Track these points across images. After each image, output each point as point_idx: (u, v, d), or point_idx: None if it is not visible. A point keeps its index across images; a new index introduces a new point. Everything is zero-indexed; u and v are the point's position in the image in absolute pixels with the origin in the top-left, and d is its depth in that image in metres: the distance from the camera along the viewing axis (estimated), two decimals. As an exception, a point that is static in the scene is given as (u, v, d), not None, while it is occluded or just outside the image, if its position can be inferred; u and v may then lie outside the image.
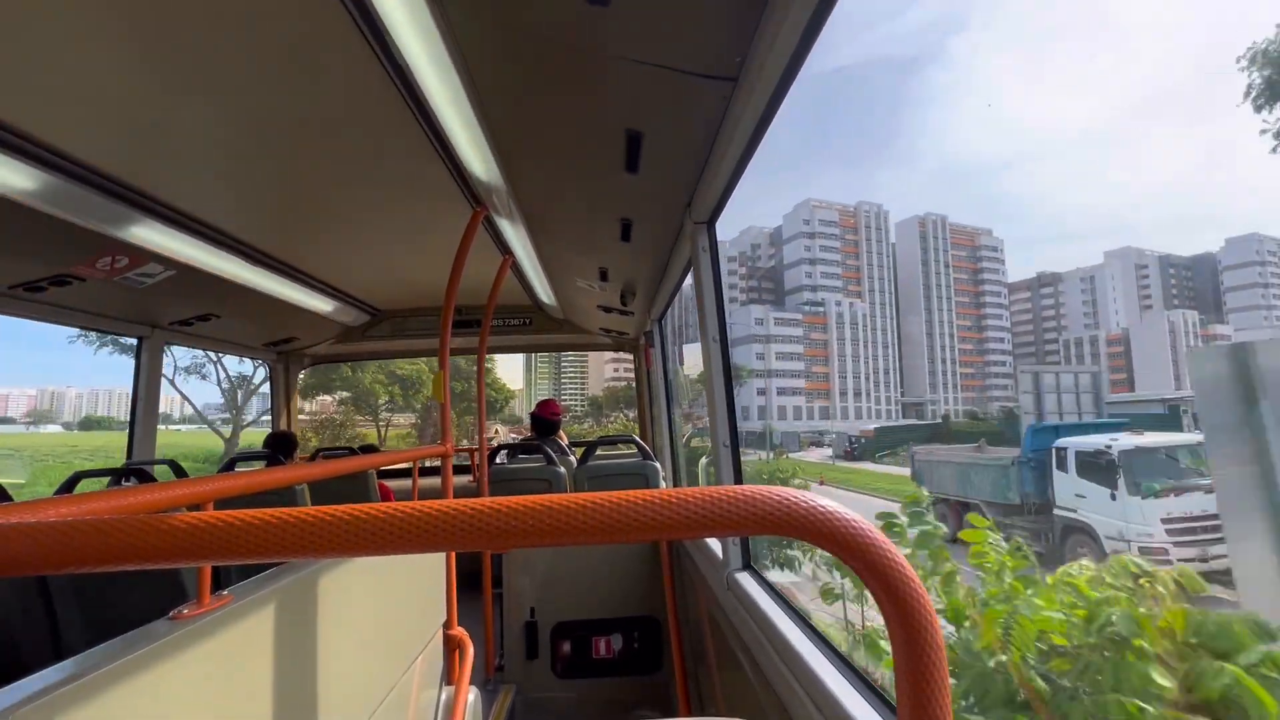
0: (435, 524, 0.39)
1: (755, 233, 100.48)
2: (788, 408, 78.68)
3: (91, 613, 1.46)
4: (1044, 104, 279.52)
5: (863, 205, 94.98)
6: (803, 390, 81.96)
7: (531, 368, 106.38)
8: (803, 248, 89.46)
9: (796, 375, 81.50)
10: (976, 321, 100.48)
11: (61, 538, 0.39)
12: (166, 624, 0.79)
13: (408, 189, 2.03)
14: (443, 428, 2.33)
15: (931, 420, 58.71)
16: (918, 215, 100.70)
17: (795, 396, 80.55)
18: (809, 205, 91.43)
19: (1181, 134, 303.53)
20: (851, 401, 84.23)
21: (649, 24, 1.07)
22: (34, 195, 1.60)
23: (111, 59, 1.24)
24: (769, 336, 79.66)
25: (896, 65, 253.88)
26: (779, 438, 51.79)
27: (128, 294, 2.42)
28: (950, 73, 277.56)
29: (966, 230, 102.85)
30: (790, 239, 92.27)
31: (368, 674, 1.32)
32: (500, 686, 2.71)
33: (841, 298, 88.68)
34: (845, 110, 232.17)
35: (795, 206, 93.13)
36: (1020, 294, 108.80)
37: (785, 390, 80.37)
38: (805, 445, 51.91)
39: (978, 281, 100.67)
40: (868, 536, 0.37)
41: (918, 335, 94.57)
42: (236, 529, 0.40)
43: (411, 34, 1.16)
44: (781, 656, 1.28)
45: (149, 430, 2.96)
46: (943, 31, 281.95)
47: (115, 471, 2.40)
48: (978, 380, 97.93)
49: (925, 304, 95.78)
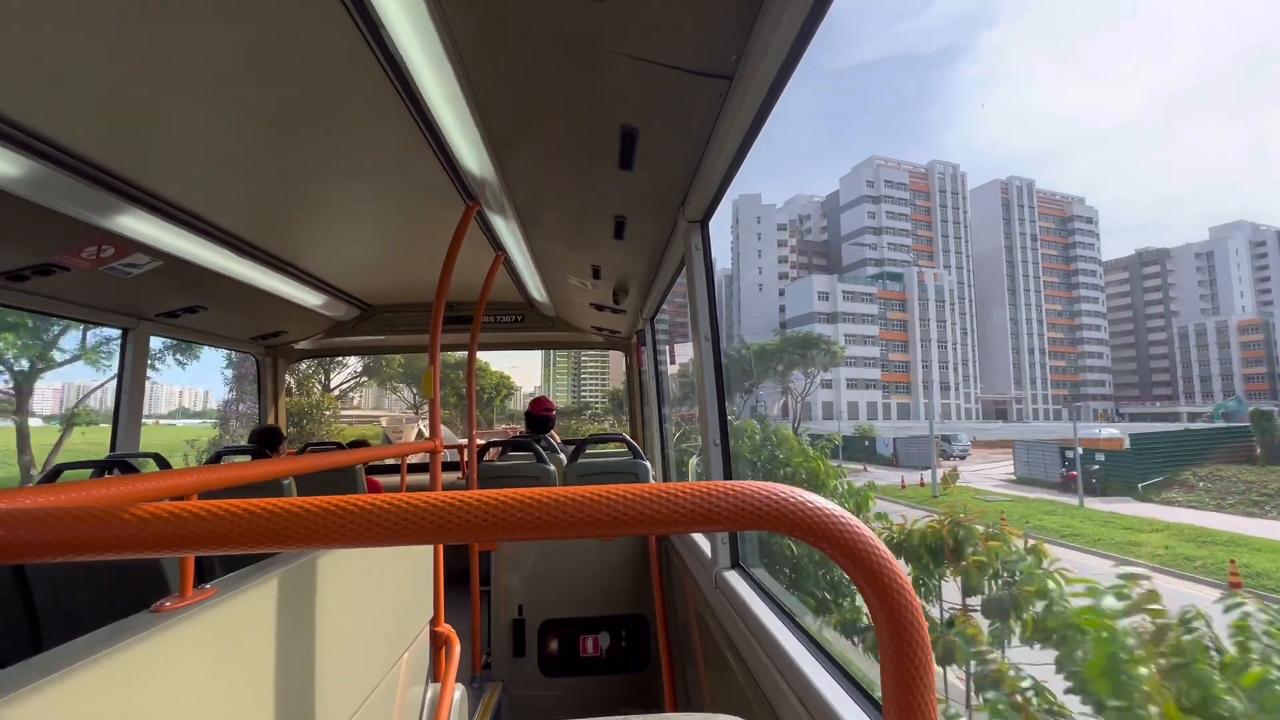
0: (422, 516, 0.39)
1: (804, 202, 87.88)
2: (860, 404, 63.83)
3: (71, 605, 1.46)
4: (1075, 97, 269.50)
5: (935, 165, 79.46)
6: (878, 383, 66.20)
7: (550, 364, 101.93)
8: (865, 214, 74.89)
9: (870, 364, 65.49)
10: (1068, 306, 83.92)
11: (41, 526, 0.39)
12: (148, 616, 0.78)
13: (399, 183, 2.00)
14: (432, 424, 2.33)
15: (1232, 425, 31.15)
16: (999, 180, 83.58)
17: (869, 390, 65.14)
18: (873, 164, 76.31)
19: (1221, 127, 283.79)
20: (937, 398, 68.28)
21: (645, 20, 1.07)
22: (18, 183, 1.59)
23: (102, 47, 1.22)
24: (835, 315, 64.89)
25: (922, 60, 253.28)
26: (884, 445, 37.82)
27: (113, 284, 2.40)
28: (978, 66, 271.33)
29: (1056, 198, 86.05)
30: (849, 205, 77.67)
31: (353, 670, 1.31)
32: (487, 684, 2.72)
33: (923, 267, 73.43)
34: (871, 105, 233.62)
35: (854, 168, 78.68)
36: (1117, 274, 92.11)
37: (857, 383, 65.18)
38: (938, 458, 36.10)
39: (1069, 259, 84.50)
40: (855, 532, 0.37)
41: (999, 321, 79.14)
42: (219, 519, 0.39)
43: (405, 25, 1.15)
44: (769, 654, 1.29)
45: (133, 422, 2.94)
46: (971, 26, 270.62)
47: (99, 464, 2.41)
48: (1070, 374, 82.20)
49: (1009, 284, 79.94)
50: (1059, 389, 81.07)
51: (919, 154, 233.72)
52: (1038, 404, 77.72)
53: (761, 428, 7.79)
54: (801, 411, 55.35)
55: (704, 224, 1.86)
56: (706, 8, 1.01)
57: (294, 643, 1.07)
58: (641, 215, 2.08)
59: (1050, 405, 78.47)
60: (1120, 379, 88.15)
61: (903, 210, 76.57)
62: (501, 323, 4.00)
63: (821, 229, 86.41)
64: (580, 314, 3.81)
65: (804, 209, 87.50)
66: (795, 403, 54.45)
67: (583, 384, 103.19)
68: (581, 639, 2.82)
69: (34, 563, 0.42)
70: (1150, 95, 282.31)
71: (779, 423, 49.72)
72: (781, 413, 56.18)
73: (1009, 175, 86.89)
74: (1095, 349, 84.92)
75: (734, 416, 55.21)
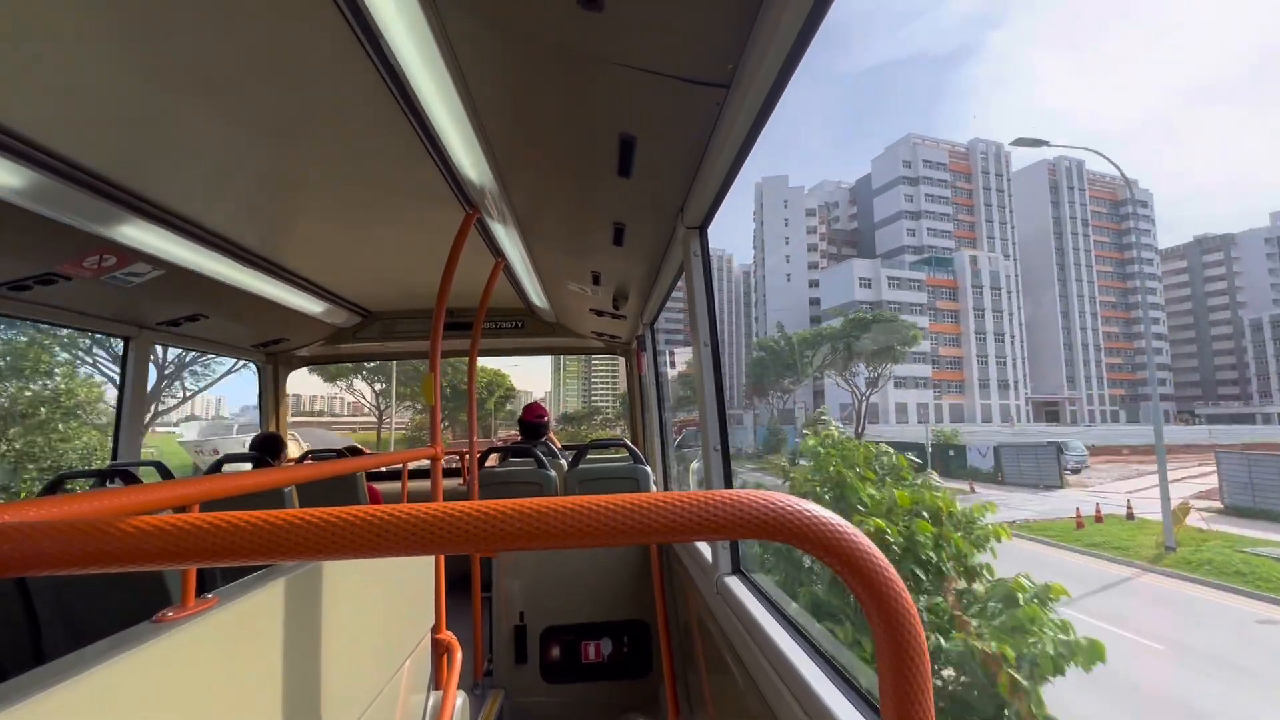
0: (424, 527, 0.39)
1: (830, 188, 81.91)
2: (909, 406, 56.61)
3: (73, 616, 1.47)
4: (1086, 98, 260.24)
5: (977, 144, 71.59)
6: (929, 381, 58.69)
7: (560, 368, 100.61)
8: (902, 197, 67.57)
9: (919, 359, 57.55)
10: (1122, 297, 76.07)
11: (44, 539, 0.39)
12: (150, 627, 0.79)
13: (400, 191, 2.01)
14: (432, 430, 2.33)
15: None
16: (1046, 160, 75.17)
17: (919, 390, 57.71)
18: (909, 142, 68.86)
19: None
20: (996, 397, 60.35)
21: (643, 29, 1.08)
22: (21, 194, 1.60)
23: (104, 58, 1.23)
24: (880, 305, 57.57)
25: (934, 60, 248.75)
26: (978, 456, 29.36)
27: (115, 294, 2.41)
28: (987, 66, 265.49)
29: (1106, 181, 77.54)
30: (883, 189, 70.16)
31: (355, 678, 1.32)
32: (488, 691, 2.72)
33: (974, 252, 65.54)
34: (883, 105, 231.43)
35: (888, 147, 70.94)
36: (1173, 263, 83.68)
37: (905, 381, 57.12)
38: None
39: (1122, 246, 76.51)
40: (851, 540, 0.38)
41: (1049, 313, 70.87)
42: (222, 531, 0.39)
43: (405, 35, 1.16)
44: (769, 660, 1.30)
45: (135, 431, 2.94)
46: (981, 26, 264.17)
47: (100, 473, 2.43)
48: (1127, 373, 74.09)
49: (1059, 273, 72.08)
50: (1114, 388, 73.53)
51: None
52: (1094, 405, 70.32)
53: (817, 438, 5.64)
54: (865, 414, 46.91)
55: (702, 230, 1.86)
56: (703, 17, 1.02)
57: (295, 651, 1.07)
58: (640, 222, 2.07)
59: (1107, 406, 71.30)
60: (1180, 377, 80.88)
61: (943, 193, 69.50)
62: (502, 329, 4.01)
63: (850, 216, 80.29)
64: (580, 319, 3.81)
65: (831, 195, 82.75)
66: (858, 402, 46.13)
67: (593, 388, 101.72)
68: (583, 645, 2.81)
69: (38, 576, 0.44)
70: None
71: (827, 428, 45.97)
72: (842, 420, 49.34)
73: (1056, 155, 77.23)
74: (1154, 344, 72.35)
75: (757, 425, 51.40)
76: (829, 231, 77.82)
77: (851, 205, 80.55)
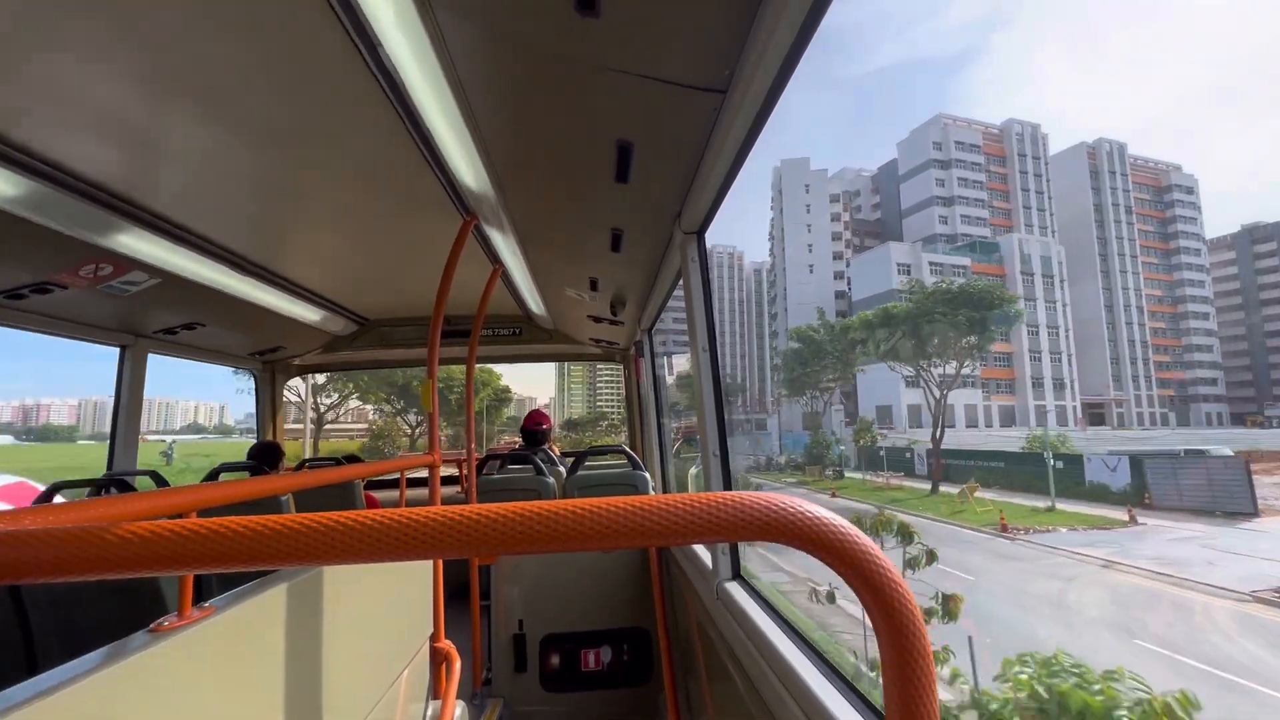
0: (423, 531, 0.39)
1: (851, 176, 76.32)
2: (956, 406, 49.70)
3: (68, 626, 1.46)
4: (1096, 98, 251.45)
5: (1012, 125, 64.54)
6: (977, 380, 51.05)
7: (564, 373, 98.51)
8: (933, 182, 61.15)
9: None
10: (1169, 290, 68.97)
11: (41, 546, 0.39)
12: (146, 636, 0.78)
13: (397, 198, 2.01)
14: (430, 438, 2.32)
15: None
16: (1085, 143, 68.45)
17: (966, 390, 50.52)
18: (939, 123, 62.31)
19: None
20: (1051, 398, 53.22)
21: (640, 35, 1.08)
22: (17, 202, 1.60)
23: (100, 67, 1.23)
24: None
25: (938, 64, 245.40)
26: (1103, 469, 21.83)
27: (111, 302, 2.41)
28: (992, 70, 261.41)
29: (1149, 166, 70.88)
30: (911, 174, 63.86)
31: (353, 687, 1.31)
32: (487, 700, 2.70)
33: (1024, 235, 58.99)
34: (885, 108, 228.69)
35: (911, 133, 64.69)
36: (1220, 254, 76.05)
37: (946, 381, 46.33)
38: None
39: (1167, 235, 70.17)
40: (854, 542, 0.37)
41: (1092, 308, 63.69)
42: (220, 536, 0.39)
43: (402, 43, 1.16)
44: (771, 666, 1.29)
45: (131, 440, 2.94)
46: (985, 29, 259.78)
47: (95, 482, 2.41)
48: (1177, 372, 66.29)
49: (1101, 264, 65.82)
50: (1163, 388, 65.62)
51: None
52: (1142, 406, 62.41)
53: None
54: (943, 417, 33.72)
55: (700, 235, 1.86)
56: (700, 23, 1.02)
57: (293, 661, 1.07)
58: (638, 228, 2.07)
59: (1156, 408, 63.57)
60: (1231, 376, 72.46)
61: (977, 177, 62.53)
62: (499, 335, 3.99)
63: (873, 206, 73.16)
64: (578, 326, 3.80)
65: (852, 184, 76.25)
66: (934, 403, 34.70)
67: (598, 393, 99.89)
68: (583, 653, 2.79)
69: (34, 583, 0.44)
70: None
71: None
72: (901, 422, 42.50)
73: (1096, 138, 71.41)
74: (1203, 340, 67.50)
75: (785, 430, 50.97)
76: (852, 221, 71.09)
77: (874, 194, 73.93)
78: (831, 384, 44.29)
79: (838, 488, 29.60)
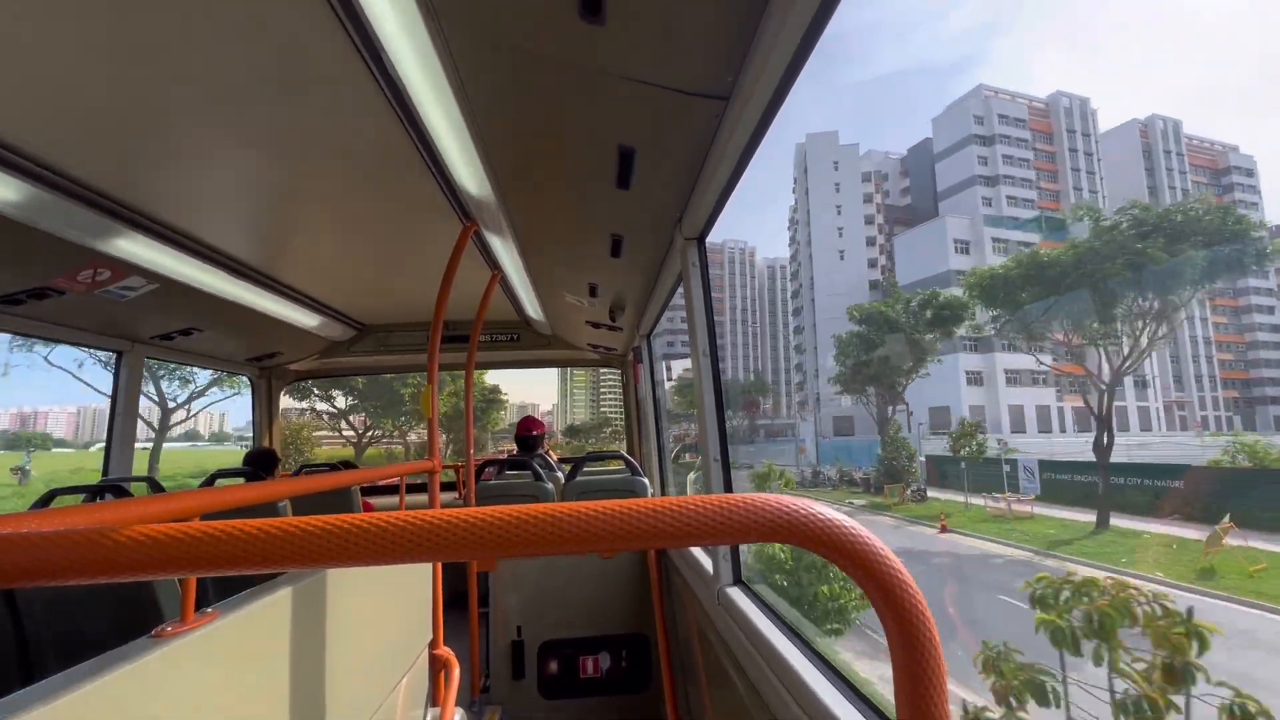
0: (428, 534, 0.39)
1: (878, 158, 69.37)
2: (1025, 408, 41.25)
3: (64, 634, 1.43)
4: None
5: (1059, 99, 55.77)
6: (1048, 376, 38.18)
7: (567, 378, 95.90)
8: (975, 159, 52.66)
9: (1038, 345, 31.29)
10: (1229, 283, 55.36)
11: (42, 550, 0.39)
12: (149, 641, 0.78)
13: (397, 203, 2.01)
14: (430, 444, 2.32)
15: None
16: (1137, 120, 59.55)
17: (1036, 387, 41.19)
18: (979, 95, 54.76)
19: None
20: (1132, 398, 41.90)
21: (644, 43, 1.09)
22: (15, 207, 1.59)
23: (101, 71, 1.23)
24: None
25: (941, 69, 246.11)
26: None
27: (108, 307, 2.39)
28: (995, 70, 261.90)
29: (1205, 146, 62.26)
30: (949, 152, 55.23)
31: (352, 694, 1.31)
32: (486, 708, 2.68)
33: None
34: (887, 114, 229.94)
35: (947, 108, 56.28)
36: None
37: (1018, 376, 40.81)
38: None
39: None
40: (865, 543, 0.37)
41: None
42: (222, 539, 0.39)
43: (405, 48, 1.16)
44: (775, 671, 1.28)
45: (126, 446, 2.92)
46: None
47: (91, 488, 2.39)
48: (1241, 371, 53.84)
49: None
50: (1226, 389, 55.11)
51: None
52: (1207, 409, 52.21)
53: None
54: (1111, 417, 18.64)
55: (701, 241, 1.87)
56: (703, 30, 1.03)
57: (293, 667, 1.06)
58: (638, 233, 2.08)
59: (1222, 411, 52.54)
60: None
61: (1023, 154, 53.91)
62: (497, 341, 3.99)
63: (903, 190, 65.67)
64: (576, 331, 3.80)
65: (879, 166, 68.95)
66: (1100, 397, 21.56)
67: (602, 398, 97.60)
68: (581, 660, 2.77)
69: (39, 586, 0.44)
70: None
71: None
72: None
73: (1148, 115, 62.60)
74: (1269, 337, 55.53)
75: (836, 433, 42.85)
76: (883, 204, 62.95)
77: (903, 177, 66.49)
78: (910, 374, 33.27)
79: (932, 513, 20.46)
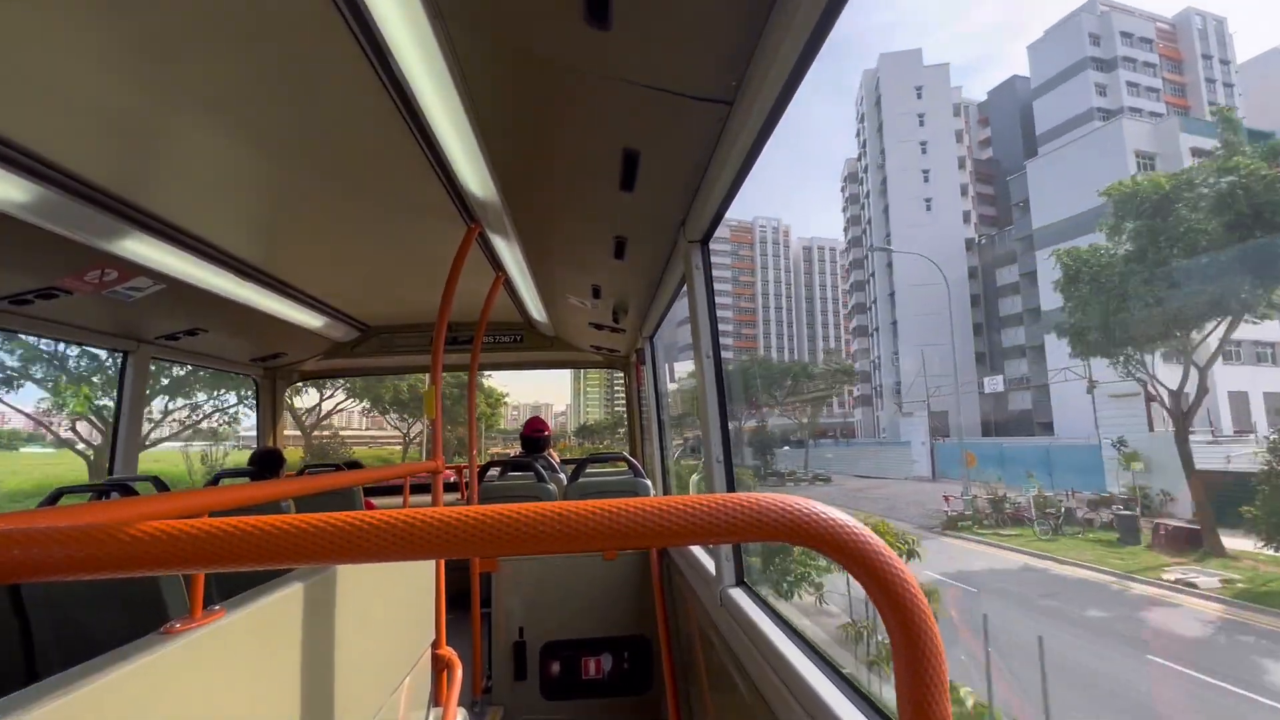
0: (426, 531, 0.39)
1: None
2: (1250, 394, 20.57)
3: (69, 631, 1.45)
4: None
5: (1191, 18, 41.60)
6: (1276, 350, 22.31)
7: (581, 377, 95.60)
8: (1091, 88, 38.10)
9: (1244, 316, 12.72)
10: None
11: (53, 545, 0.39)
12: (158, 637, 0.79)
13: (402, 205, 2.02)
14: (434, 444, 2.33)
15: None
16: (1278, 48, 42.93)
17: (1261, 366, 20.80)
18: (1095, 10, 39.75)
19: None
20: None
21: (649, 47, 1.09)
22: (24, 208, 1.60)
23: (108, 72, 1.24)
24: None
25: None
26: None
27: (115, 308, 2.41)
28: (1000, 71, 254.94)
29: None
30: (1053, 83, 40.41)
31: (355, 693, 1.31)
32: (488, 708, 2.69)
33: None
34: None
35: (1047, 31, 41.31)
36: None
37: (1235, 350, 19.54)
38: None
39: None
40: (866, 541, 0.37)
41: None
42: (230, 536, 0.40)
43: (412, 51, 1.16)
44: (777, 673, 1.28)
45: (132, 445, 2.94)
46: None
47: (97, 487, 2.40)
48: None
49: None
50: None
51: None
52: None
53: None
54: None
55: (704, 243, 1.88)
56: (708, 35, 1.04)
57: (297, 665, 1.07)
58: (642, 236, 2.08)
59: None
60: None
61: (1152, 82, 39.94)
62: (500, 342, 4.01)
63: (982, 142, 51.90)
64: (579, 333, 3.81)
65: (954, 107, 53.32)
66: None
67: (616, 399, 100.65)
68: (583, 661, 2.77)
69: (50, 580, 0.45)
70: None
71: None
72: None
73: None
74: None
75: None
76: (971, 162, 47.80)
77: (983, 126, 52.00)
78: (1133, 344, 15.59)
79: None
